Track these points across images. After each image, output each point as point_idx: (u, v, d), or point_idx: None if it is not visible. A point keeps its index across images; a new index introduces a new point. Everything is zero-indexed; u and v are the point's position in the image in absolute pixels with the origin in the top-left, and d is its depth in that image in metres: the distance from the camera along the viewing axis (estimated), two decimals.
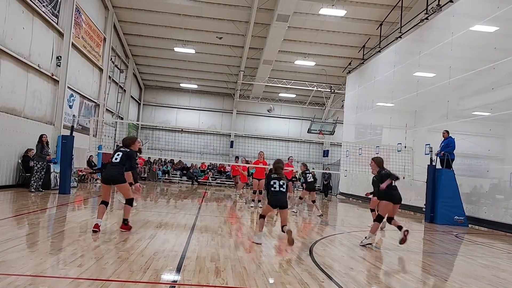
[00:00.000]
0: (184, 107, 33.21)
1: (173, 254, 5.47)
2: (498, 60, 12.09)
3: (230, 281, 4.43)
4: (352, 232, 9.40)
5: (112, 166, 6.85)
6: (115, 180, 6.80)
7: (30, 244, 5.64)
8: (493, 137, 13.01)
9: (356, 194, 22.64)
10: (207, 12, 21.85)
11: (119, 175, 6.78)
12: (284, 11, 19.66)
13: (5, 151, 13.11)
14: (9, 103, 13.31)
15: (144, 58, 28.68)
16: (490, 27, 12.91)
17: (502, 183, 12.02)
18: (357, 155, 20.69)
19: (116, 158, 6.87)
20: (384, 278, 5.26)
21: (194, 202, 14.49)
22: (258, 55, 25.43)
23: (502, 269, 6.49)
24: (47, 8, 15.06)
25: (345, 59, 25.58)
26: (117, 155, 6.89)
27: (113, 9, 22.32)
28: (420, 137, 16.12)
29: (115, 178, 6.79)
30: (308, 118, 31.49)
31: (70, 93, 17.89)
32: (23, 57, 13.83)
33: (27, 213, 8.49)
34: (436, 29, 15.80)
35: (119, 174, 6.79)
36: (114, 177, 6.78)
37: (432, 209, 12.83)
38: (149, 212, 10.47)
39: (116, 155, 6.91)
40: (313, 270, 5.23)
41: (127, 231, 6.87)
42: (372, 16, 21.19)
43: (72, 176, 14.50)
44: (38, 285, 3.78)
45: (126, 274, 4.36)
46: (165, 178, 29.02)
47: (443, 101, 14.85)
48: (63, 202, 11.01)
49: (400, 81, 18.40)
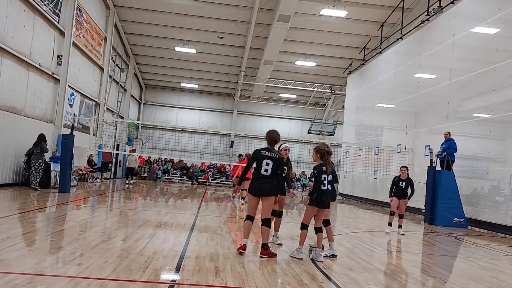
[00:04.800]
0: (185, 106, 33.21)
1: (173, 254, 5.47)
2: (499, 62, 12.08)
3: (230, 281, 4.43)
4: (351, 233, 9.40)
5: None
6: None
7: (30, 243, 5.64)
8: (494, 139, 12.99)
9: (356, 195, 22.65)
10: (208, 12, 21.85)
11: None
12: (285, 11, 19.66)
13: (5, 150, 13.10)
14: (9, 101, 13.31)
15: (145, 58, 28.68)
16: (491, 28, 12.91)
17: (502, 185, 12.01)
18: (357, 156, 20.68)
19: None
20: (383, 279, 5.25)
21: (194, 202, 14.49)
22: (259, 55, 25.43)
23: (502, 271, 6.48)
24: (48, 7, 15.06)
25: (346, 60, 25.57)
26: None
27: (114, 8, 22.32)
28: (420, 139, 16.11)
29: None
30: (309, 119, 31.48)
31: (70, 92, 17.88)
32: (24, 55, 13.83)
33: (27, 211, 8.49)
34: (437, 30, 15.79)
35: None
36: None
37: (432, 211, 12.82)
38: (149, 211, 10.47)
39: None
40: (313, 271, 5.23)
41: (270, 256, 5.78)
42: (373, 17, 21.19)
43: (72, 175, 14.51)
44: (37, 284, 3.78)
45: (125, 273, 4.36)
46: (165, 178, 29.03)
47: (444, 103, 14.84)
48: (63, 201, 11.01)
49: (400, 82, 18.40)
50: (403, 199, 9.65)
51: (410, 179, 9.70)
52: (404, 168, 9.80)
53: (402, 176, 9.70)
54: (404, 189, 9.63)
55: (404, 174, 9.70)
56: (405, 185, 9.62)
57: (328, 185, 6.06)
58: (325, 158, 6.09)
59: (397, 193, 9.72)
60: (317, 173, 5.97)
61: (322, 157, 6.09)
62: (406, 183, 9.63)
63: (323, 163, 6.06)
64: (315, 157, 6.16)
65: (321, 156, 6.10)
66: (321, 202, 5.96)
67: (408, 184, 9.62)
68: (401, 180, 9.70)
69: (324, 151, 6.15)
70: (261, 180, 5.84)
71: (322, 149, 6.16)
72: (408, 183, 9.63)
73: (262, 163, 5.85)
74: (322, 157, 6.09)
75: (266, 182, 5.83)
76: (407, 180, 9.65)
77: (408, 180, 9.66)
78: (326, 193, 6.02)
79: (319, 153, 6.11)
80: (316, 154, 6.14)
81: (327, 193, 6.04)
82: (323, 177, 6.00)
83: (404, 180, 9.66)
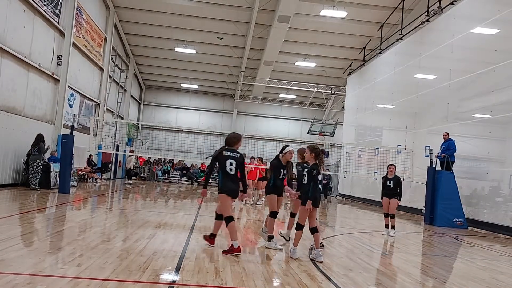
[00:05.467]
0: (185, 107, 33.22)
1: (172, 254, 5.47)
2: (499, 63, 12.08)
3: (229, 282, 4.43)
4: (351, 234, 9.39)
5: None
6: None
7: (29, 243, 5.64)
8: (493, 140, 13.00)
9: (355, 196, 22.65)
10: (208, 13, 21.86)
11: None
12: (285, 12, 19.67)
13: (5, 150, 13.10)
14: (9, 101, 13.31)
15: (145, 58, 28.68)
16: (491, 29, 12.92)
17: (502, 186, 12.01)
18: (357, 156, 20.69)
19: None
20: (383, 280, 5.25)
21: (194, 202, 14.49)
22: (259, 56, 25.44)
23: (501, 271, 6.48)
24: (48, 7, 15.07)
25: (346, 61, 25.58)
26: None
27: (114, 8, 22.33)
28: (420, 139, 16.11)
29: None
30: (308, 119, 31.48)
31: (70, 92, 17.88)
32: (24, 56, 13.83)
33: (27, 212, 8.49)
34: (437, 31, 15.80)
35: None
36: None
37: (432, 211, 12.82)
38: (149, 212, 10.47)
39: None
40: (312, 271, 5.23)
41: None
42: (373, 18, 21.20)
43: (72, 175, 14.50)
44: (37, 284, 3.78)
45: (125, 273, 4.36)
46: (164, 178, 29.02)
47: (443, 103, 14.85)
48: (62, 201, 11.01)
49: (400, 83, 18.41)
50: (393, 199, 9.34)
51: (397, 178, 9.43)
52: (391, 166, 9.52)
53: (390, 175, 9.46)
54: (392, 188, 9.36)
55: (391, 172, 9.44)
56: (393, 184, 9.36)
57: (320, 184, 6.12)
58: (320, 157, 6.09)
59: (386, 193, 9.46)
60: (315, 173, 5.96)
61: (317, 156, 6.07)
62: (394, 182, 9.37)
63: (317, 162, 6.03)
64: (309, 157, 6.11)
65: (316, 155, 6.07)
66: (317, 201, 5.99)
67: (396, 183, 9.35)
68: (388, 179, 9.47)
69: (319, 150, 6.13)
70: (233, 180, 6.01)
71: (317, 149, 6.13)
72: (396, 182, 9.36)
73: (226, 163, 5.98)
74: (317, 156, 6.07)
75: (236, 182, 6.07)
76: (395, 179, 9.38)
77: (395, 179, 9.38)
78: (319, 192, 6.09)
79: (314, 152, 6.08)
80: (311, 153, 6.09)
81: (319, 192, 6.12)
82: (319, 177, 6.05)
83: (392, 179, 9.41)
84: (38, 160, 13.02)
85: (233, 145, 6.17)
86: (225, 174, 5.99)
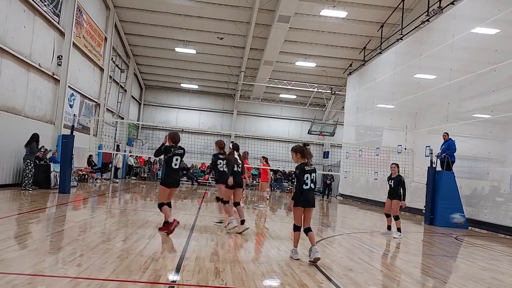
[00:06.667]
0: (185, 107, 33.20)
1: (172, 254, 5.47)
2: (499, 63, 12.08)
3: (229, 282, 4.43)
4: (351, 234, 9.39)
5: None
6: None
7: (29, 243, 5.64)
8: (494, 140, 13.00)
9: (356, 196, 22.65)
10: (208, 13, 21.85)
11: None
12: (285, 12, 19.66)
13: (5, 150, 13.09)
14: (9, 101, 13.31)
15: (145, 58, 28.68)
16: (491, 29, 12.91)
17: (502, 186, 12.01)
18: (357, 156, 20.68)
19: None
20: (383, 280, 5.25)
21: (194, 203, 14.48)
22: (259, 55, 25.44)
23: (501, 271, 6.48)
24: (49, 8, 15.07)
25: (346, 61, 25.57)
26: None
27: (114, 8, 22.33)
28: (421, 139, 16.11)
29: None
30: (309, 119, 31.47)
31: (70, 92, 17.88)
32: (24, 56, 13.83)
33: (27, 212, 8.49)
34: (437, 31, 15.80)
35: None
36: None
37: (432, 211, 12.82)
38: (149, 212, 10.48)
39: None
40: (312, 272, 5.22)
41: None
42: (373, 18, 21.19)
43: (72, 175, 14.50)
44: (37, 284, 3.77)
45: (125, 273, 4.35)
46: None
47: (444, 103, 14.84)
48: (62, 201, 11.01)
49: (400, 83, 18.40)
50: (394, 200, 9.07)
51: (399, 177, 9.08)
52: (393, 165, 9.23)
53: (393, 175, 9.16)
54: (393, 188, 9.06)
55: (394, 171, 9.16)
56: (394, 183, 9.04)
57: (311, 183, 5.91)
58: (305, 153, 5.96)
59: (388, 193, 9.22)
60: (298, 173, 5.84)
61: (303, 155, 5.96)
62: (395, 182, 9.04)
63: (304, 162, 5.94)
64: (295, 158, 6.00)
65: (302, 154, 5.96)
66: (306, 201, 5.84)
67: (398, 183, 9.01)
68: (390, 179, 9.18)
69: (302, 147, 6.00)
70: (176, 173, 7.42)
71: (299, 147, 6.02)
72: (397, 181, 9.03)
73: (173, 159, 7.34)
74: (303, 155, 5.96)
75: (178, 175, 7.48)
76: (396, 178, 9.05)
77: (397, 178, 9.06)
78: (309, 192, 5.88)
79: (298, 152, 5.98)
80: (296, 153, 5.99)
81: (310, 192, 5.89)
82: (305, 177, 5.85)
83: (393, 179, 9.08)
84: (28, 160, 12.82)
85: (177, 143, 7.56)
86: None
